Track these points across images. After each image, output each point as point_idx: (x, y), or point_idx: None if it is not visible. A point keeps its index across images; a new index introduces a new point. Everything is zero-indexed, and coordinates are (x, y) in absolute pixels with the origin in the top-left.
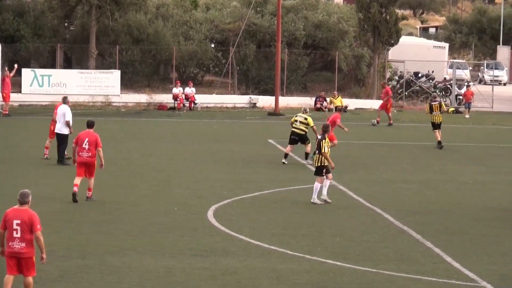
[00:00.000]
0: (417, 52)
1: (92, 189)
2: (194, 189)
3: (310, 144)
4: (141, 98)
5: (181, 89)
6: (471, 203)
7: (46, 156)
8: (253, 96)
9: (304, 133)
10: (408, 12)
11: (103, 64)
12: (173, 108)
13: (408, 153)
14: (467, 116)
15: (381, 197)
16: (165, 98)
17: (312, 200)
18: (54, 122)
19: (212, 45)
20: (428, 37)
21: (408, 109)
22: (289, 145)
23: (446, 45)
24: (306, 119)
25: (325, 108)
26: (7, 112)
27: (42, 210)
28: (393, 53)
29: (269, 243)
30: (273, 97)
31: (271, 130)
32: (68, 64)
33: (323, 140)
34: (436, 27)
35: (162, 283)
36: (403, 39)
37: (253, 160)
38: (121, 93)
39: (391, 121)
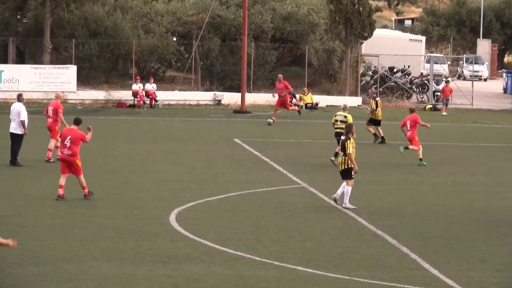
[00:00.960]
0: (392, 45)
1: (86, 187)
2: (154, 191)
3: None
4: (98, 95)
5: (141, 85)
6: (447, 206)
7: (49, 159)
8: (217, 93)
9: None
10: (382, 3)
11: (58, 59)
12: (132, 106)
13: (380, 153)
14: (444, 113)
15: (353, 199)
16: (124, 95)
17: (344, 205)
18: (52, 119)
19: (174, 39)
20: (404, 29)
21: (384, 106)
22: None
23: (423, 38)
24: (345, 117)
25: (295, 106)
26: None
27: (4, 213)
28: (366, 46)
29: (235, 249)
30: (239, 94)
31: (237, 128)
32: (21, 59)
33: (348, 141)
34: (412, 19)
35: None
36: (377, 32)
37: (218, 161)
38: (77, 90)
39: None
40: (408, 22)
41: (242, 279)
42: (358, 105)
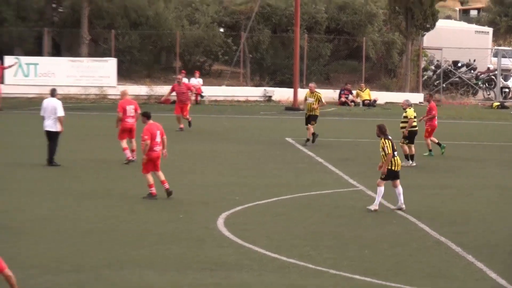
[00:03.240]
0: (456, 38)
1: (165, 180)
2: (200, 194)
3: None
4: (140, 90)
5: (186, 79)
6: None
7: (130, 158)
8: (268, 88)
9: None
10: None
11: (97, 51)
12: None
13: (441, 155)
14: None
15: (414, 204)
16: (168, 90)
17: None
18: (123, 118)
19: (221, 30)
20: (469, 20)
21: (446, 104)
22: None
23: (490, 30)
24: (406, 111)
25: (351, 102)
26: None
27: (27, 218)
28: (429, 39)
29: (288, 256)
30: (291, 90)
31: (289, 127)
32: (57, 51)
33: (386, 141)
34: (479, 9)
35: None
36: (441, 23)
37: (269, 162)
38: (117, 85)
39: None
40: (474, 12)
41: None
42: (419, 102)
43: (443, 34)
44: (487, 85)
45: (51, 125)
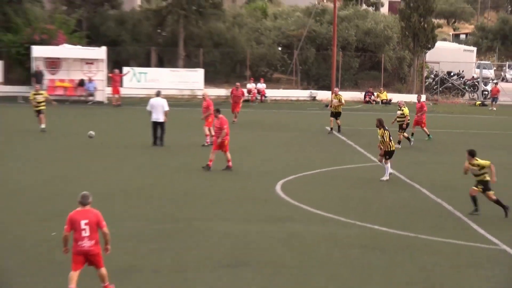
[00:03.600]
0: (449, 55)
1: (230, 160)
2: (264, 167)
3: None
4: (220, 92)
5: (254, 84)
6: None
7: (208, 143)
8: (313, 91)
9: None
10: (442, 21)
11: (190, 63)
12: (247, 100)
13: (439, 140)
14: (494, 108)
15: (419, 175)
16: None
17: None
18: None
19: (279, 49)
20: (459, 42)
21: (442, 102)
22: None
23: (474, 49)
24: (402, 109)
25: (373, 101)
26: (117, 103)
27: (139, 185)
28: (429, 55)
29: (327, 212)
30: (330, 92)
31: (328, 119)
32: (160, 63)
33: (385, 131)
34: (466, 34)
35: (240, 243)
36: (438, 43)
37: (313, 144)
38: (204, 88)
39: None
40: (462, 36)
41: (332, 235)
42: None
43: (440, 52)
44: (472, 89)
45: (159, 117)
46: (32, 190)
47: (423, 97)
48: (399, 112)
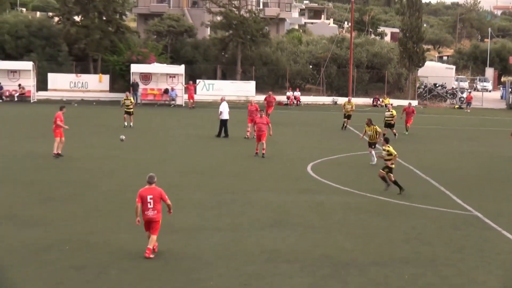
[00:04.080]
0: (435, 71)
1: (264, 149)
2: (298, 153)
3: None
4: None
5: (291, 92)
6: (469, 164)
7: (248, 136)
8: (334, 97)
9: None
10: (430, 46)
11: (245, 77)
12: (286, 104)
13: (427, 133)
14: (468, 110)
15: (411, 159)
16: (282, 98)
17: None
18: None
19: (310, 67)
20: (443, 62)
21: (430, 106)
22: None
23: (454, 67)
24: (391, 111)
25: (379, 105)
26: (192, 106)
27: (206, 166)
28: (421, 71)
29: (344, 186)
30: (347, 98)
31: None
32: (223, 77)
33: (376, 127)
34: (448, 56)
35: (279, 209)
36: (427, 63)
37: (335, 137)
38: (255, 95)
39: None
40: (445, 58)
41: (348, 203)
42: (415, 105)
43: (428, 69)
44: (452, 96)
45: (226, 116)
46: (134, 167)
47: (414, 103)
48: (388, 113)
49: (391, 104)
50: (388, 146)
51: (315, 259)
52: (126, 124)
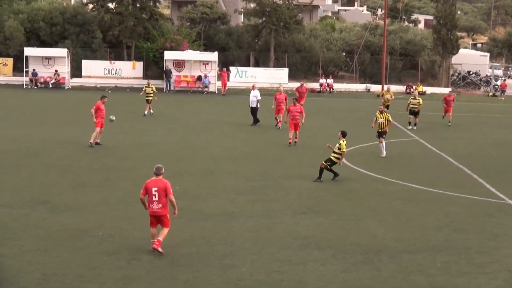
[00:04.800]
0: (469, 58)
1: (297, 137)
2: (331, 139)
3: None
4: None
5: (324, 80)
6: (501, 152)
7: (279, 126)
8: (368, 85)
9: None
10: (464, 34)
11: (278, 64)
12: (319, 91)
13: (460, 121)
14: (502, 98)
15: (444, 147)
16: (315, 85)
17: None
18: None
19: (343, 54)
20: (476, 49)
21: (463, 94)
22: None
23: (488, 54)
24: (417, 99)
25: (412, 92)
26: (224, 93)
27: (232, 155)
28: (454, 59)
29: (376, 173)
30: (380, 86)
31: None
32: (256, 64)
33: (388, 115)
34: (482, 43)
35: (312, 196)
36: (461, 50)
37: (367, 124)
38: (288, 82)
39: None
40: (479, 45)
41: (380, 190)
42: (449, 92)
43: (462, 56)
44: (486, 84)
45: (254, 104)
46: (166, 154)
47: (447, 90)
48: (415, 101)
49: (420, 91)
50: (343, 140)
51: (347, 246)
52: (146, 112)
